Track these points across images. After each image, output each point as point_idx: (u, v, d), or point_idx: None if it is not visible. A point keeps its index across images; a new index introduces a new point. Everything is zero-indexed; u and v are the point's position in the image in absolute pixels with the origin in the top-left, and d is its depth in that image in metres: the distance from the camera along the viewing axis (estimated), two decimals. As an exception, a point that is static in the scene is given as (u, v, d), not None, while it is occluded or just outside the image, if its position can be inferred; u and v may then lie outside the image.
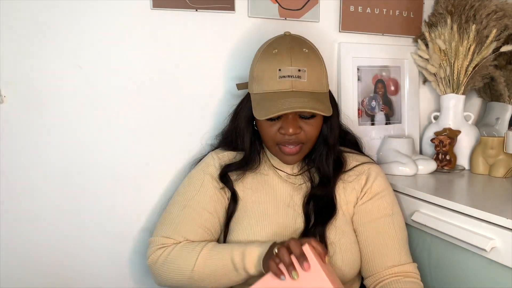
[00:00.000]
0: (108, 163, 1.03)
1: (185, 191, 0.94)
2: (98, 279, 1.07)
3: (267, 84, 0.86)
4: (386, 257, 0.89)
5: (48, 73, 0.96)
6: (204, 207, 0.91)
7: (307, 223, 0.90)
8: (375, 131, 1.28)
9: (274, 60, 0.86)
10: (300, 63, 0.85)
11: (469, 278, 0.89)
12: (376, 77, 1.28)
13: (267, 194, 0.94)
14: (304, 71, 0.85)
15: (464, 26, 1.21)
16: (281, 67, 0.84)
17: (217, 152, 0.99)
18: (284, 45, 0.87)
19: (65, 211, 1.01)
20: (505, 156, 1.12)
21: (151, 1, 1.01)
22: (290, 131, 0.85)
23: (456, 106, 1.25)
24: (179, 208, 0.92)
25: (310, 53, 0.88)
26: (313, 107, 0.82)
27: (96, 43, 0.98)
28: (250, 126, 0.94)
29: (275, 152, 0.91)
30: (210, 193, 0.92)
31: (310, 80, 0.85)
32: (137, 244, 1.09)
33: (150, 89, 1.04)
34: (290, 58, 0.85)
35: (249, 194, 0.94)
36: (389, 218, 0.92)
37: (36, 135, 0.97)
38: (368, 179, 0.94)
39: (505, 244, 0.80)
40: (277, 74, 0.85)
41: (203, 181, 0.94)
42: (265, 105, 0.84)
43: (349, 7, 1.21)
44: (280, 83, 0.84)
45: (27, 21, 0.92)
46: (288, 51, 0.86)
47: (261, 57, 0.88)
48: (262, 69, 0.87)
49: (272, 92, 0.85)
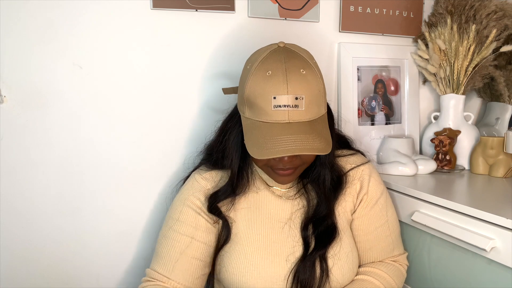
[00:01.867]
0: (108, 163, 1.03)
1: (170, 225, 0.89)
2: (98, 279, 1.07)
3: (260, 112, 0.77)
4: (380, 254, 0.95)
5: (48, 73, 0.96)
6: (190, 241, 0.86)
7: (306, 248, 0.86)
8: (375, 131, 1.28)
9: (267, 84, 0.75)
10: (297, 89, 0.75)
11: (469, 278, 0.89)
12: (376, 77, 1.28)
13: (260, 214, 0.89)
14: (302, 98, 0.75)
15: (464, 26, 1.21)
16: (276, 94, 0.75)
17: (201, 173, 0.91)
18: (279, 66, 0.76)
19: (65, 211, 1.01)
20: (505, 156, 1.12)
21: (151, 1, 1.01)
22: (286, 160, 0.79)
23: (456, 106, 1.25)
24: (166, 242, 0.88)
25: (308, 73, 0.77)
26: (312, 147, 0.74)
27: (96, 43, 0.98)
28: (240, 147, 0.86)
29: (267, 172, 0.85)
30: (195, 223, 0.87)
31: (308, 107, 0.76)
32: (137, 244, 1.09)
33: (150, 89, 1.04)
34: (286, 84, 0.75)
35: (242, 216, 0.89)
36: (385, 224, 0.95)
37: (36, 135, 0.97)
38: (362, 184, 0.93)
39: (505, 244, 0.79)
40: (272, 103, 0.75)
41: (187, 215, 0.88)
42: (259, 141, 0.76)
43: (349, 7, 1.21)
44: (275, 114, 0.75)
45: (27, 21, 0.92)
46: (283, 75, 0.75)
47: (254, 77, 0.77)
48: (254, 92, 0.77)
49: (267, 123, 0.77)
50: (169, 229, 0.88)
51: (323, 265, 0.84)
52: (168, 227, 0.89)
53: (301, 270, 0.83)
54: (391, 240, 0.95)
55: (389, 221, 0.95)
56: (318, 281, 0.84)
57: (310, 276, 0.83)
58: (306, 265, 0.83)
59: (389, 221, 0.95)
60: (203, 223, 0.88)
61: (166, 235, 0.89)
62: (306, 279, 0.83)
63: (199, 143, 1.09)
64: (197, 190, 0.89)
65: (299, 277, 0.83)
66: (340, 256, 0.86)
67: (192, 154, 1.04)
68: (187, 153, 1.09)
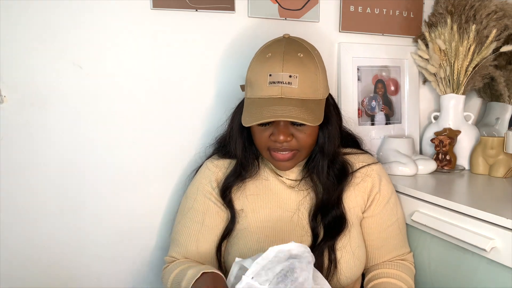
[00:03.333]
0: (108, 162, 1.03)
1: (185, 213, 0.95)
2: (98, 279, 1.07)
3: (257, 89, 0.83)
4: (391, 251, 0.96)
5: (48, 73, 0.96)
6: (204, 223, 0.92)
7: (314, 239, 0.87)
8: (375, 131, 1.28)
9: (266, 64, 0.82)
10: (292, 69, 0.81)
11: (469, 278, 0.89)
12: (376, 77, 1.28)
13: (269, 201, 0.92)
14: (295, 77, 0.81)
15: (464, 26, 1.21)
16: (272, 72, 0.81)
17: (212, 160, 0.97)
18: (278, 50, 0.83)
19: (65, 211, 1.01)
20: (505, 156, 1.12)
21: (151, 1, 1.01)
22: (281, 138, 0.82)
23: (456, 106, 1.25)
24: (182, 229, 0.94)
25: (305, 58, 0.83)
26: (298, 116, 0.79)
27: (96, 43, 0.98)
28: (245, 130, 0.91)
29: (267, 157, 0.89)
30: (208, 210, 0.93)
31: (301, 86, 0.81)
32: (138, 244, 1.09)
33: (149, 89, 1.04)
34: (282, 63, 0.81)
35: (251, 203, 0.92)
36: (396, 223, 0.96)
37: (36, 135, 0.97)
38: (374, 183, 0.94)
39: (505, 244, 0.79)
40: (268, 80, 0.81)
41: (200, 201, 0.93)
42: (252, 111, 0.82)
43: (349, 7, 1.21)
44: (270, 89, 0.81)
45: (28, 21, 0.92)
46: (281, 56, 0.82)
47: (255, 61, 0.86)
48: (254, 73, 0.84)
49: (261, 98, 0.82)
50: (183, 217, 0.94)
51: (331, 256, 0.85)
52: (183, 215, 0.95)
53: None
54: (401, 237, 0.98)
55: (399, 219, 0.97)
56: (326, 271, 0.85)
57: (318, 266, 0.83)
58: (314, 255, 0.83)
59: (399, 219, 0.97)
60: (214, 208, 0.92)
61: (182, 223, 0.94)
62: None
63: (199, 142, 1.10)
64: (209, 176, 0.94)
65: None
66: (348, 250, 0.87)
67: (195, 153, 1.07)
68: (189, 153, 1.09)
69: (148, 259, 1.11)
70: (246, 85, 0.87)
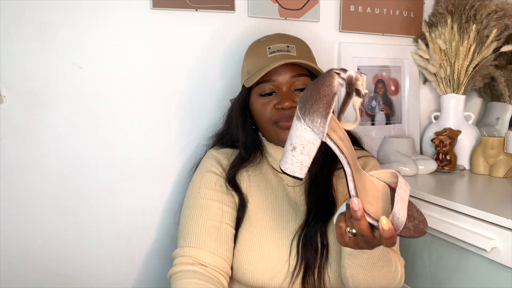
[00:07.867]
0: (108, 162, 1.03)
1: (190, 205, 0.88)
2: (98, 279, 1.07)
3: (258, 64, 0.87)
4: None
5: (48, 73, 0.96)
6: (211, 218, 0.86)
7: (308, 218, 0.86)
8: (375, 131, 1.28)
9: (262, 44, 0.89)
10: (288, 40, 0.88)
11: (469, 278, 0.89)
12: (376, 77, 1.28)
13: (269, 194, 0.90)
14: (293, 47, 0.87)
15: (465, 26, 1.21)
16: (270, 45, 0.88)
17: (216, 149, 0.96)
18: (271, 34, 0.92)
19: (64, 211, 1.01)
20: (506, 156, 1.12)
21: (151, 1, 1.01)
22: (286, 104, 0.82)
23: (457, 106, 1.25)
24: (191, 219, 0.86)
25: (298, 39, 0.91)
26: (302, 61, 0.83)
27: (96, 43, 0.98)
28: (244, 115, 0.91)
29: (274, 133, 0.87)
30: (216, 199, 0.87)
31: (300, 54, 0.87)
32: (138, 244, 1.09)
33: (149, 88, 1.04)
34: (277, 38, 0.89)
35: (253, 194, 0.90)
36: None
37: (36, 135, 0.97)
38: (364, 168, 0.92)
39: (505, 244, 0.79)
40: (267, 52, 0.87)
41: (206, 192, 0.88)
42: (256, 74, 0.85)
43: (349, 7, 1.21)
44: (271, 59, 0.86)
45: (27, 21, 0.92)
46: (275, 35, 0.91)
47: (250, 47, 0.92)
48: (251, 55, 0.90)
49: (264, 60, 0.87)
50: (192, 206, 0.87)
51: (323, 240, 0.83)
52: (191, 204, 0.88)
53: (303, 241, 0.83)
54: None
55: None
56: (319, 255, 0.83)
57: (311, 249, 0.82)
58: (307, 237, 0.83)
59: None
60: (225, 188, 0.88)
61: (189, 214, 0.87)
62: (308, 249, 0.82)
63: (199, 142, 1.09)
64: (215, 161, 0.92)
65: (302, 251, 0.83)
66: (338, 248, 0.85)
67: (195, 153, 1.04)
68: (189, 152, 1.09)
69: (148, 259, 1.11)
70: (244, 75, 0.90)
